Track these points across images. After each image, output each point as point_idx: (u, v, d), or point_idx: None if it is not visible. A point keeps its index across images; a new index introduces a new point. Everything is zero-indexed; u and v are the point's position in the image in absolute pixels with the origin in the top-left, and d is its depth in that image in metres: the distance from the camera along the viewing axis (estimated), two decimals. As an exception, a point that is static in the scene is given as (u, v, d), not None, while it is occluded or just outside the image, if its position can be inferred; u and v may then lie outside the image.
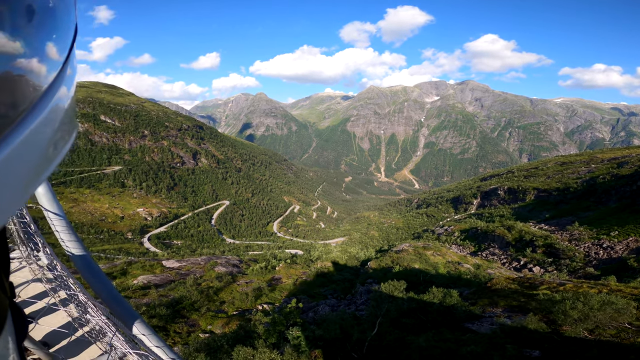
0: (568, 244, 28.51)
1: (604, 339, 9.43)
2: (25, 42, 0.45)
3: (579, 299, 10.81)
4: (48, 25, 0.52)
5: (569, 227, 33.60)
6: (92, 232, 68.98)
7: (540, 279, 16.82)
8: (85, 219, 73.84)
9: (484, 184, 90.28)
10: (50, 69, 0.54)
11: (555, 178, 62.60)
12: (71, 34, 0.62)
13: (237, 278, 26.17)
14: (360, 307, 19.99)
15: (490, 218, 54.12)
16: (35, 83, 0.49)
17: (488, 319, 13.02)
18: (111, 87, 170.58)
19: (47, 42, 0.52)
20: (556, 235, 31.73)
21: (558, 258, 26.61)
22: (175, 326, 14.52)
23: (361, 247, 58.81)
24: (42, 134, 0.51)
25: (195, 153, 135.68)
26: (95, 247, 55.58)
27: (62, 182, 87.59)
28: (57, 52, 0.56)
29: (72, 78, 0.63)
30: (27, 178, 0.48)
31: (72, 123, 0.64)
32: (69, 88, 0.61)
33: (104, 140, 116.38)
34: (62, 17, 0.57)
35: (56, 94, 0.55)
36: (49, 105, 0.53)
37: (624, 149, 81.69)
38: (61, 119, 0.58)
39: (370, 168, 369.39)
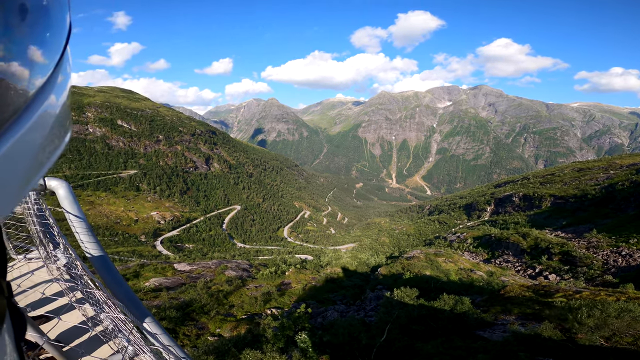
0: (585, 252, 27.65)
1: (621, 347, 9.10)
2: (17, 41, 0.44)
3: (595, 306, 10.46)
4: (41, 24, 0.51)
5: (587, 234, 32.65)
6: (107, 235, 70.42)
7: (556, 287, 16.33)
8: (101, 222, 75.52)
9: (498, 190, 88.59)
10: (44, 68, 0.53)
11: (573, 185, 60.99)
12: (65, 32, 0.61)
13: (246, 282, 26.24)
14: (369, 313, 19.77)
15: (505, 225, 52.95)
16: (29, 81, 0.49)
17: (500, 327, 12.69)
18: (128, 92, 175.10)
19: (41, 40, 0.51)
20: (573, 243, 30.83)
21: (575, 266, 25.83)
22: (185, 329, 14.63)
23: (371, 253, 58.31)
24: (36, 133, 0.50)
25: (207, 158, 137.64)
26: (109, 249, 56.66)
27: (79, 185, 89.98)
28: (51, 51, 0.55)
29: (67, 77, 0.62)
30: (23, 175, 0.47)
31: (65, 123, 0.63)
32: (64, 86, 0.61)
33: (120, 144, 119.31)
34: (56, 15, 0.56)
35: (52, 91, 0.55)
36: (45, 103, 0.53)
37: (644, 154, 79.11)
38: (55, 119, 0.57)
39: (382, 174, 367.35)
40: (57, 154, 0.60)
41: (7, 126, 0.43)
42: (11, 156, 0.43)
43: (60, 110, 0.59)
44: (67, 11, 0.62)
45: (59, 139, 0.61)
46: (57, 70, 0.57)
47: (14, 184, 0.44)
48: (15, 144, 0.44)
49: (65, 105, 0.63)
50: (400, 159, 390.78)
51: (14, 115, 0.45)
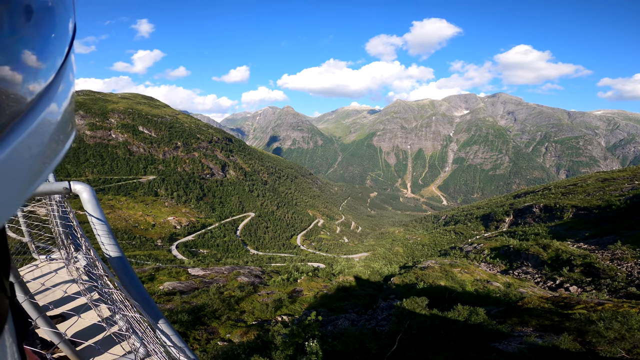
0: (609, 264, 26.41)
1: (645, 363, 8.62)
2: (22, 42, 0.44)
3: (616, 318, 10.00)
4: (46, 25, 0.50)
5: (611, 246, 31.24)
6: (125, 238, 72.19)
7: (577, 298, 15.63)
8: (120, 225, 77.56)
9: (517, 201, 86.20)
10: (47, 70, 0.52)
11: (596, 195, 58.70)
12: (69, 33, 0.61)
13: (258, 288, 26.28)
14: (381, 323, 19.43)
15: (524, 236, 51.30)
16: (33, 82, 0.48)
17: (517, 338, 12.22)
18: (149, 98, 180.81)
19: (44, 42, 0.51)
20: (596, 255, 29.51)
21: (598, 277, 24.68)
22: (195, 333, 14.73)
23: (385, 262, 57.50)
24: (41, 133, 0.50)
25: (224, 165, 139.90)
26: (127, 252, 57.93)
27: (101, 189, 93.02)
28: (55, 53, 0.55)
29: (71, 77, 0.62)
30: (25, 177, 0.47)
31: (68, 125, 0.63)
32: (68, 87, 0.61)
33: (141, 150, 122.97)
34: (61, 16, 0.56)
35: (56, 92, 0.55)
36: (48, 104, 0.52)
37: (674, 165, 75.60)
38: (59, 118, 0.57)
39: (396, 183, 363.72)
40: (59, 157, 0.60)
41: (8, 129, 0.42)
42: (12, 160, 0.42)
43: (63, 112, 0.60)
44: (72, 12, 0.61)
45: (62, 142, 0.61)
46: (61, 72, 0.57)
47: (14, 189, 0.43)
48: (18, 148, 0.44)
49: (69, 107, 0.63)
50: (416, 169, 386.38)
51: (17, 117, 0.44)
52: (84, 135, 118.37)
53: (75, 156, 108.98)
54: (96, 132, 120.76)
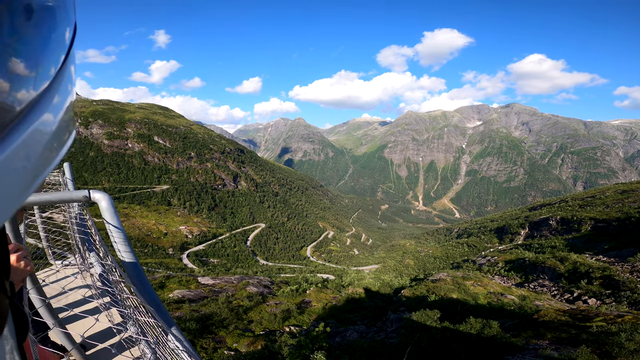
0: (629, 276, 25.36)
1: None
2: (22, 42, 0.44)
3: (637, 330, 9.57)
4: (46, 24, 0.50)
5: (631, 258, 30.09)
6: (138, 246, 73.24)
7: (596, 311, 15.02)
8: (133, 233, 78.81)
9: (532, 213, 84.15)
10: (49, 68, 0.52)
11: (615, 207, 56.85)
12: (70, 32, 0.61)
13: (267, 299, 26.16)
14: (390, 335, 19.00)
15: (540, 249, 49.82)
16: (34, 82, 0.48)
17: (532, 352, 11.77)
18: (165, 109, 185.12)
19: (46, 41, 0.50)
20: (616, 267, 28.40)
21: (618, 290, 23.71)
22: (203, 341, 14.71)
23: (395, 274, 56.52)
24: (41, 133, 0.50)
25: (235, 176, 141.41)
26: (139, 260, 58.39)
27: (116, 198, 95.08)
28: (56, 54, 0.54)
29: (71, 78, 0.62)
30: (25, 178, 0.47)
31: (70, 122, 0.63)
32: (69, 86, 0.60)
33: (155, 160, 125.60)
34: (61, 15, 0.55)
35: (56, 92, 0.54)
36: (49, 103, 0.52)
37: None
38: (60, 119, 0.57)
39: (408, 196, 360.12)
40: (60, 157, 0.60)
41: (8, 130, 0.42)
42: (12, 161, 0.42)
43: (68, 102, 0.60)
44: (73, 11, 0.61)
45: (63, 140, 0.61)
46: (61, 72, 0.57)
47: (12, 191, 0.43)
48: (18, 148, 0.43)
49: (73, 97, 0.63)
50: (428, 181, 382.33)
51: (16, 119, 0.44)
52: (101, 144, 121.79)
53: (93, 165, 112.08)
54: (113, 142, 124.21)
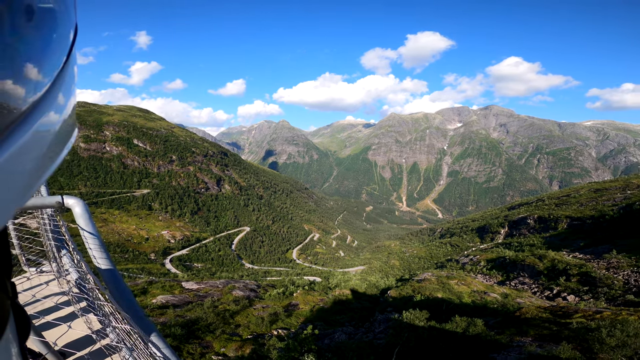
0: (605, 272, 26.48)
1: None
2: (23, 43, 0.44)
3: (616, 326, 9.98)
4: (47, 26, 0.50)
5: (606, 255, 31.44)
6: (118, 251, 71.04)
7: (575, 307, 15.58)
8: (112, 239, 76.42)
9: (511, 213, 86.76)
10: (50, 70, 0.52)
11: (589, 206, 59.32)
12: (71, 34, 0.60)
13: (253, 302, 25.89)
14: (378, 336, 19.14)
15: (520, 247, 51.39)
16: (36, 83, 0.48)
17: (516, 349, 12.09)
18: (145, 111, 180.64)
19: (47, 42, 0.50)
20: (592, 264, 29.61)
21: (595, 286, 24.69)
22: (189, 347, 14.39)
23: (381, 275, 57.06)
24: (42, 135, 0.49)
25: (219, 179, 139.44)
26: (119, 266, 56.97)
27: (94, 203, 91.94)
28: (57, 53, 0.54)
29: (72, 80, 0.61)
30: (28, 176, 0.47)
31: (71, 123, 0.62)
32: (69, 89, 0.59)
33: (135, 163, 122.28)
34: (62, 17, 0.55)
35: (57, 95, 0.54)
36: (51, 105, 0.52)
37: (663, 174, 77.03)
38: (60, 121, 0.56)
39: (392, 197, 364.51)
40: (59, 159, 0.59)
41: (8, 132, 0.42)
42: (12, 162, 0.42)
43: (69, 104, 0.58)
44: (74, 12, 0.61)
45: (63, 142, 0.60)
46: (62, 74, 0.56)
47: (13, 192, 0.43)
48: (18, 149, 0.43)
49: (74, 99, 0.62)
50: (411, 182, 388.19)
51: (18, 120, 0.44)
52: (78, 147, 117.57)
53: (69, 169, 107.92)
54: (90, 145, 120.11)
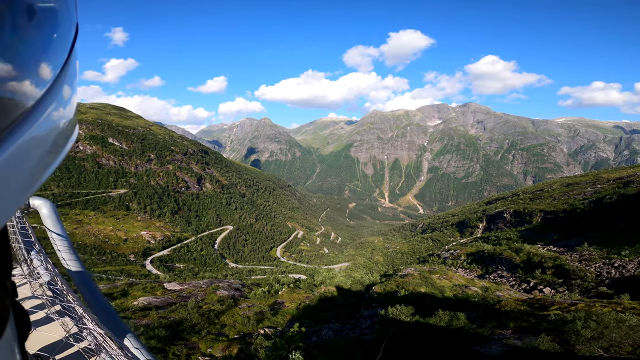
0: (578, 265, 27.84)
1: (621, 357, 9.03)
2: (24, 42, 0.44)
3: (591, 318, 10.46)
4: (47, 25, 0.50)
5: (578, 247, 33.00)
6: (95, 254, 68.58)
7: (551, 300, 16.30)
8: (88, 241, 73.67)
9: (489, 207, 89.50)
10: (50, 70, 0.52)
11: (562, 200, 61.97)
12: (72, 33, 0.60)
13: (239, 302, 25.65)
14: (364, 332, 19.39)
15: (497, 241, 53.16)
16: (37, 82, 0.48)
17: (497, 341, 12.54)
18: (120, 109, 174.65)
19: (48, 41, 0.51)
20: (565, 256, 31.06)
21: (569, 279, 25.92)
22: (175, 348, 14.13)
23: (366, 271, 57.76)
24: (43, 134, 0.50)
25: (200, 178, 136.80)
26: (97, 268, 55.08)
27: (67, 204, 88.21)
28: (57, 55, 0.54)
29: (74, 78, 0.61)
30: (29, 174, 0.47)
31: (72, 122, 0.61)
32: (71, 88, 0.59)
33: (111, 163, 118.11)
34: (63, 16, 0.55)
35: (59, 94, 0.54)
36: (51, 104, 0.52)
37: (629, 168, 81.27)
38: (61, 119, 0.56)
39: (374, 194, 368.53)
40: (60, 158, 0.59)
41: (8, 132, 0.43)
42: (11, 162, 0.42)
43: (70, 104, 0.58)
44: (74, 12, 0.61)
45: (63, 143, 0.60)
46: (62, 74, 0.56)
47: (14, 190, 0.43)
48: (18, 149, 0.44)
49: (75, 99, 0.62)
50: (393, 178, 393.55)
51: (18, 119, 0.44)
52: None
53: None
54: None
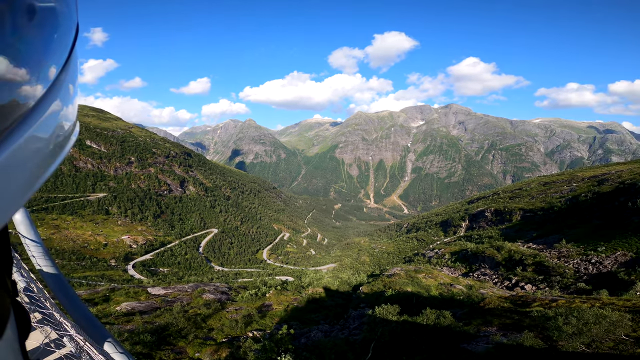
0: (557, 261, 28.83)
1: (602, 352, 9.36)
2: (25, 42, 0.44)
3: (572, 314, 10.79)
4: (48, 25, 0.50)
5: (557, 244, 34.13)
6: (74, 259, 66.23)
7: (533, 296, 16.81)
8: (66, 246, 71.09)
9: (471, 206, 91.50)
10: (50, 70, 0.52)
11: (539, 198, 64.01)
12: (72, 33, 0.60)
13: (226, 305, 25.33)
14: (353, 332, 19.47)
15: (479, 240, 54.40)
16: (37, 82, 0.48)
17: (483, 339, 12.83)
18: (99, 111, 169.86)
19: (48, 41, 0.51)
20: (545, 254, 32.09)
21: (549, 275, 26.80)
22: (161, 353, 13.81)
23: (353, 272, 57.96)
24: (43, 134, 0.50)
25: (183, 181, 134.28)
26: (76, 274, 53.20)
27: (43, 208, 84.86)
28: (57, 55, 0.54)
29: (75, 78, 0.61)
30: (29, 174, 0.48)
31: (73, 122, 0.62)
32: (72, 88, 0.59)
33: (88, 166, 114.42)
34: (64, 16, 0.55)
35: (59, 93, 0.54)
36: (51, 104, 0.52)
37: (603, 166, 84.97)
38: (61, 120, 0.56)
39: (360, 194, 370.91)
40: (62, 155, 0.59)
41: (8, 132, 0.43)
42: (11, 163, 0.42)
43: (71, 103, 0.58)
44: (75, 12, 0.61)
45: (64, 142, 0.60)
46: (63, 74, 0.56)
47: (13, 190, 0.44)
48: (18, 149, 0.44)
49: (76, 98, 0.62)
50: (378, 179, 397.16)
51: (18, 120, 0.44)
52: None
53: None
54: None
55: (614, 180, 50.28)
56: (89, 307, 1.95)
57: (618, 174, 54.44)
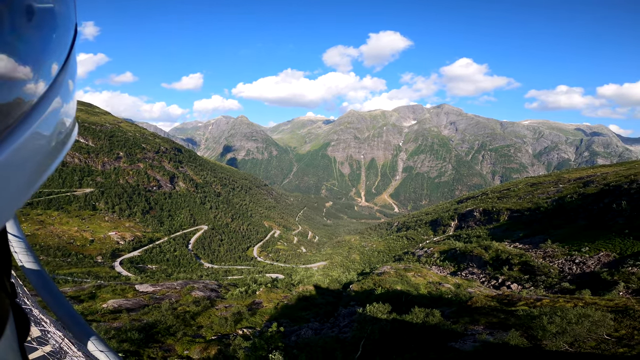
0: (542, 261, 29.45)
1: (585, 351, 9.58)
2: (24, 42, 0.44)
3: (556, 313, 11.01)
4: (47, 25, 0.51)
5: (542, 244, 34.85)
6: (59, 255, 64.91)
7: (518, 296, 17.14)
8: (52, 242, 69.61)
9: (460, 206, 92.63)
10: (50, 70, 0.53)
11: (527, 199, 65.16)
12: (71, 33, 0.61)
13: (215, 302, 25.17)
14: (343, 330, 19.57)
15: (468, 239, 55.11)
16: (36, 82, 0.48)
17: (470, 337, 13.04)
18: (87, 105, 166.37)
19: (47, 41, 0.51)
20: (530, 253, 32.75)
21: (534, 275, 27.35)
22: (149, 351, 13.66)
23: (343, 270, 58.25)
24: (43, 134, 0.50)
25: (172, 176, 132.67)
26: (61, 270, 52.14)
27: (28, 203, 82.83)
28: (56, 55, 0.55)
29: (73, 78, 0.61)
30: (29, 173, 0.47)
31: (72, 120, 0.62)
32: (70, 88, 0.60)
33: (75, 160, 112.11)
34: (62, 16, 0.56)
35: (58, 93, 0.54)
36: (51, 104, 0.52)
37: (589, 168, 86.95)
38: (61, 119, 0.56)
39: (351, 193, 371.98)
40: (62, 155, 0.60)
41: (8, 131, 0.43)
42: (11, 163, 0.42)
43: (71, 101, 0.59)
44: (74, 13, 0.61)
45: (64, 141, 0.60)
46: (62, 74, 0.57)
47: (14, 190, 0.44)
48: (18, 149, 0.44)
49: (75, 96, 0.62)
50: (369, 178, 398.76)
51: (18, 119, 0.45)
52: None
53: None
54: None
55: (600, 182, 51.43)
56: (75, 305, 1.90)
57: (603, 176, 55.70)
